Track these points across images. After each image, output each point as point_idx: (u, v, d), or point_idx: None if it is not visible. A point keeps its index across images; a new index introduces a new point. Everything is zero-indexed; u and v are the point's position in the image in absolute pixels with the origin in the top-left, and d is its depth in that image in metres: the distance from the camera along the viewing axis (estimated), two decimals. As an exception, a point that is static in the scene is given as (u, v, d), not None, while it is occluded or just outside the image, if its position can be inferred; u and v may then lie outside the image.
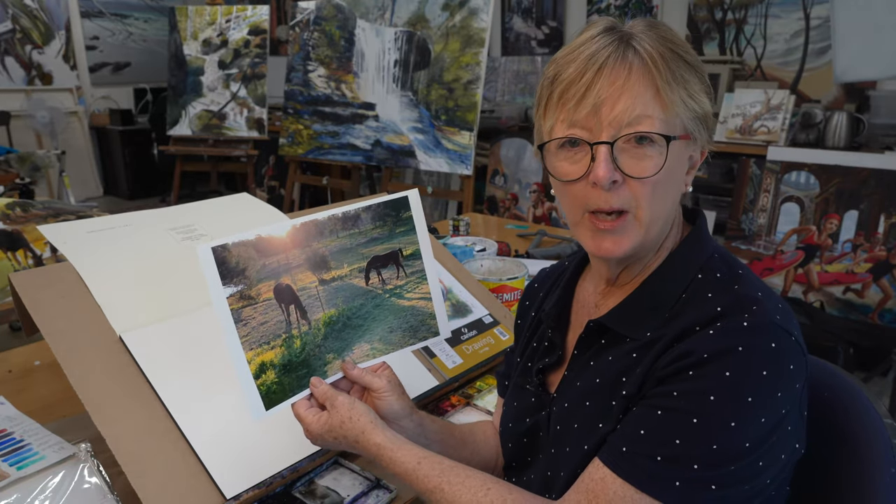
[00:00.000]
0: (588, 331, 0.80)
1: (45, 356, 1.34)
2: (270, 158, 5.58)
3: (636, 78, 0.70)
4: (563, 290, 0.89)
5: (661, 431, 0.66)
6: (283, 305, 0.81)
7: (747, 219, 3.34)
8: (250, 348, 0.79)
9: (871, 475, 0.77)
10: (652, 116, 0.70)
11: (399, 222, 0.91)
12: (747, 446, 0.64)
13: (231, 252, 0.77)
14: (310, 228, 0.84)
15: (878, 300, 2.97)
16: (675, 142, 0.71)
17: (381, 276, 0.89)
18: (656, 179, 0.71)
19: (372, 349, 0.89)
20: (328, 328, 0.85)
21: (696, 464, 0.64)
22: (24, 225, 1.97)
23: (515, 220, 3.22)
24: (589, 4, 4.32)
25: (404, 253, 0.91)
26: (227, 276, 0.77)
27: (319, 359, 0.84)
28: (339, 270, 0.86)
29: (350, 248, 0.87)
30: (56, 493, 0.83)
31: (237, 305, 0.78)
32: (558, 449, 0.79)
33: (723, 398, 0.64)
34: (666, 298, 0.75)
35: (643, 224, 0.73)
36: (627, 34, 0.72)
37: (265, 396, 0.80)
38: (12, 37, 5.85)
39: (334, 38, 4.05)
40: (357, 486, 0.97)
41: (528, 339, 0.94)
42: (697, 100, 0.72)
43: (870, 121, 3.16)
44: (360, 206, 0.88)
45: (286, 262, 0.81)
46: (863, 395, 0.83)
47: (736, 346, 0.65)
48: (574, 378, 0.81)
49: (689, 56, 0.73)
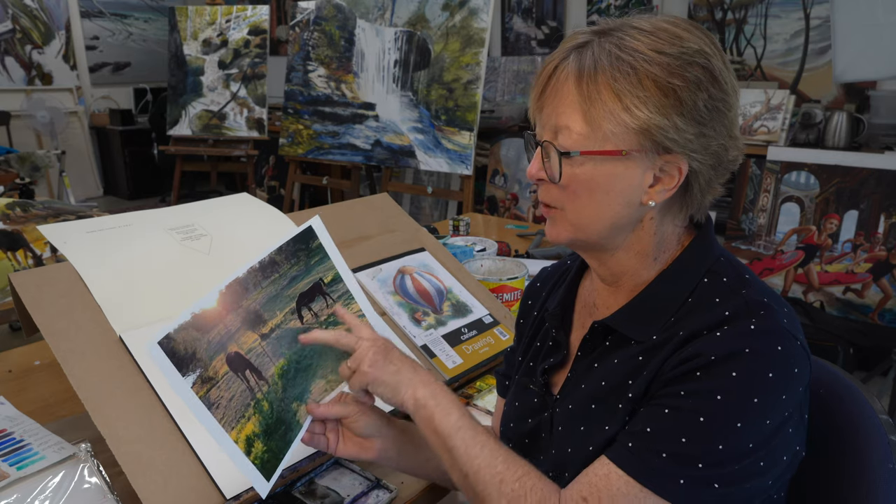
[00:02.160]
0: (593, 332, 0.80)
1: (45, 356, 1.34)
2: (270, 158, 5.58)
3: (568, 87, 0.72)
4: (566, 290, 0.89)
5: (667, 429, 0.67)
6: (240, 374, 0.80)
7: (747, 219, 3.34)
8: (231, 427, 0.78)
9: (869, 470, 0.78)
10: (569, 128, 0.72)
11: (311, 253, 0.92)
12: (751, 446, 0.65)
13: (176, 340, 0.76)
14: (235, 289, 0.82)
15: (878, 300, 2.97)
16: (596, 156, 0.71)
17: (312, 310, 0.89)
18: (573, 188, 0.74)
19: (327, 383, 0.88)
20: (283, 379, 0.84)
21: (700, 462, 0.65)
22: (24, 225, 1.97)
23: (515, 220, 3.22)
24: (589, 4, 4.32)
25: (325, 280, 0.92)
26: (182, 365, 0.76)
27: (288, 411, 0.83)
28: (274, 319, 0.85)
29: (276, 294, 0.86)
30: (56, 493, 0.83)
31: (202, 391, 0.77)
32: (560, 449, 0.79)
33: (729, 399, 0.65)
34: (672, 301, 0.75)
35: (571, 223, 0.76)
36: (606, 30, 0.73)
37: (262, 468, 0.79)
38: (12, 37, 5.85)
39: (334, 38, 4.05)
40: (357, 486, 0.97)
41: (530, 339, 0.94)
42: (635, 112, 0.68)
43: (870, 121, 3.16)
44: (270, 251, 0.87)
45: (226, 330, 0.80)
46: (858, 392, 0.84)
47: (743, 348, 0.66)
48: (578, 380, 0.81)
49: (648, 67, 0.68)
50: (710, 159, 0.72)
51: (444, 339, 1.29)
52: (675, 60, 0.69)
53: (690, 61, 0.69)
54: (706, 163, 0.72)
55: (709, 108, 0.70)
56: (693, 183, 0.74)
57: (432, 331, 1.29)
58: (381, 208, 1.54)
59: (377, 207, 1.54)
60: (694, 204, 0.76)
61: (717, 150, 0.72)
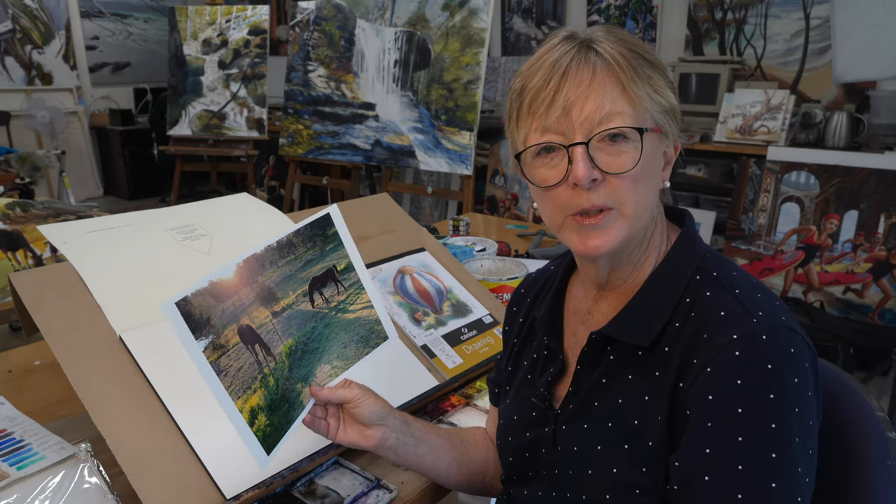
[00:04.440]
0: (591, 344, 0.78)
1: (45, 356, 1.34)
2: (270, 158, 5.58)
3: (601, 78, 0.72)
4: (553, 297, 0.88)
5: (740, 486, 0.65)
6: (250, 346, 0.81)
7: (747, 219, 3.34)
8: (237, 397, 0.78)
9: (868, 468, 0.78)
10: (622, 112, 0.72)
11: (327, 240, 0.93)
12: (811, 452, 0.67)
13: (193, 304, 0.76)
14: (252, 264, 0.83)
15: (878, 300, 2.98)
16: (649, 134, 0.73)
17: (323, 295, 0.90)
18: (635, 173, 0.72)
19: (332, 368, 0.89)
20: (290, 359, 0.85)
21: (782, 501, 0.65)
22: (24, 225, 1.97)
23: (515, 220, 3.22)
24: (589, 4, 4.32)
25: (338, 268, 0.93)
26: (196, 329, 0.76)
27: (292, 391, 0.84)
28: (287, 299, 0.86)
29: (291, 275, 0.87)
30: (56, 493, 0.83)
31: (213, 357, 0.77)
32: (579, 470, 0.77)
33: (780, 424, 0.65)
34: (665, 302, 0.75)
35: (627, 218, 0.74)
36: (587, 39, 0.74)
37: (263, 441, 0.79)
38: (12, 37, 5.85)
39: (334, 38, 4.05)
40: (357, 486, 0.97)
41: (519, 347, 0.93)
42: (663, 94, 0.74)
43: (870, 121, 3.16)
44: (289, 232, 0.88)
45: (240, 302, 0.81)
46: (857, 391, 0.84)
47: (765, 365, 0.66)
48: (588, 398, 0.78)
49: (649, 55, 0.75)
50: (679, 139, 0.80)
51: (444, 339, 1.29)
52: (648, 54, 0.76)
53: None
54: (679, 142, 0.80)
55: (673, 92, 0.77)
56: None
57: (432, 331, 1.29)
58: (381, 208, 1.54)
59: (377, 207, 1.54)
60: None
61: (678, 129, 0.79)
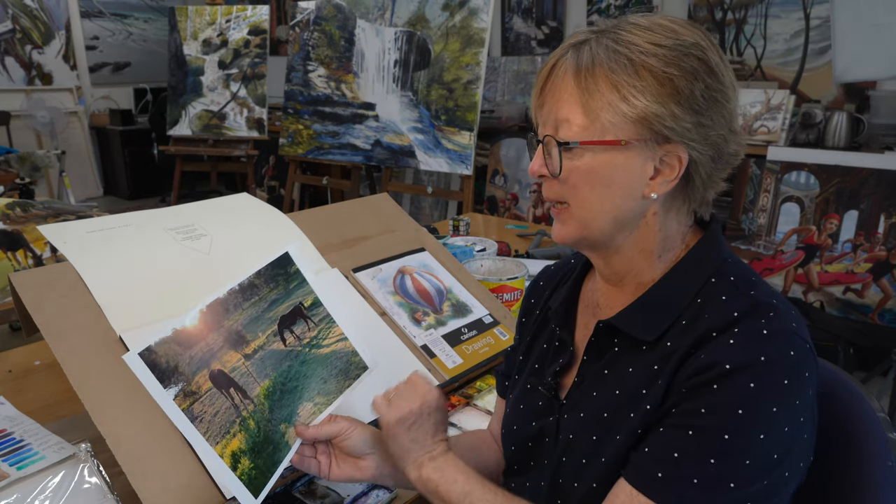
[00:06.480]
0: (598, 333, 0.79)
1: (45, 356, 1.34)
2: (270, 158, 5.58)
3: (567, 81, 0.73)
4: (570, 288, 0.88)
5: (693, 453, 0.66)
6: (224, 391, 0.81)
7: (747, 219, 3.34)
8: (216, 442, 0.78)
9: (869, 469, 0.78)
10: (569, 120, 0.72)
11: (290, 278, 0.93)
12: (775, 457, 0.65)
13: (157, 353, 0.77)
14: (216, 309, 0.83)
15: (878, 300, 2.97)
16: (604, 146, 0.71)
17: (294, 333, 0.90)
18: (573, 181, 0.74)
19: (315, 406, 0.89)
20: (269, 400, 0.84)
21: (731, 482, 0.65)
22: (24, 225, 1.97)
23: (515, 220, 3.22)
24: (589, 4, 4.32)
25: (305, 304, 0.93)
26: (164, 377, 0.77)
27: (276, 432, 0.84)
28: (257, 341, 0.86)
29: (258, 316, 0.87)
30: (56, 493, 0.83)
31: (185, 405, 0.77)
32: (572, 459, 0.78)
33: (750, 411, 0.65)
34: (677, 300, 0.74)
35: (576, 219, 0.76)
36: (600, 32, 0.74)
37: (249, 484, 0.79)
38: (12, 37, 5.85)
39: (334, 38, 4.05)
40: (357, 486, 0.97)
41: (532, 338, 0.93)
42: (635, 101, 0.69)
43: (870, 121, 3.16)
44: (250, 275, 0.88)
45: (208, 347, 0.81)
46: (857, 392, 0.83)
47: (758, 356, 0.66)
48: (588, 387, 0.79)
49: (650, 58, 0.69)
50: (709, 150, 0.72)
51: (444, 339, 1.29)
52: (672, 52, 0.69)
53: (686, 52, 0.70)
54: (706, 153, 0.72)
55: (706, 98, 0.70)
56: (694, 175, 0.73)
57: (432, 331, 1.29)
58: (381, 208, 1.54)
59: (377, 207, 1.54)
60: (696, 198, 0.76)
61: (716, 140, 0.72)
